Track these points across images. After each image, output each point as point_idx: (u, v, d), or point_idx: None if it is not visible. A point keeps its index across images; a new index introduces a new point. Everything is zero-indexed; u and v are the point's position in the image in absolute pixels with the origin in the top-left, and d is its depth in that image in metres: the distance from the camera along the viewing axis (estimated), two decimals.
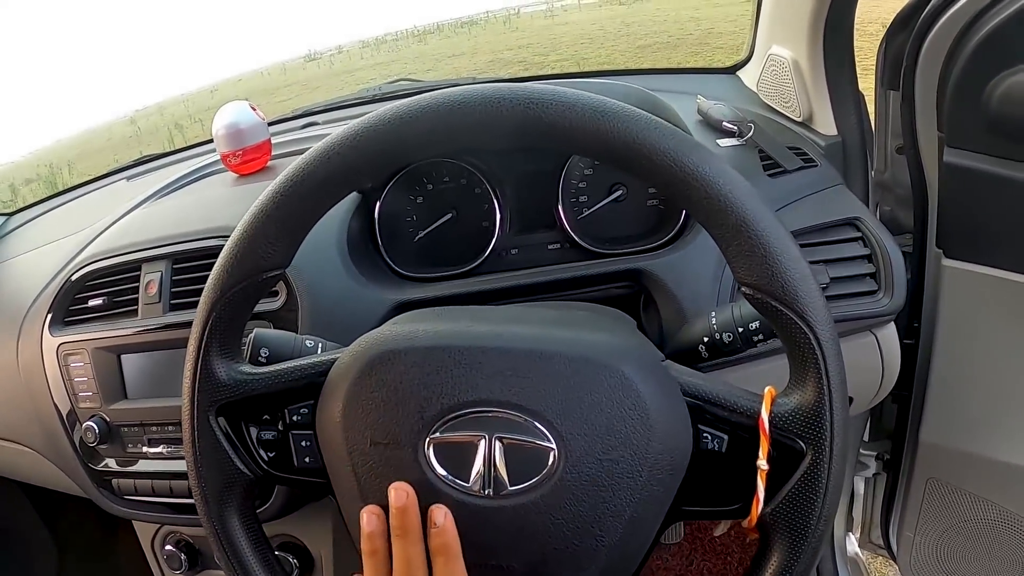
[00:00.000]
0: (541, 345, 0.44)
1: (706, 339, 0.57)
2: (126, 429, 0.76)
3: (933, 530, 0.96)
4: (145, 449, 0.76)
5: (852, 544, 1.13)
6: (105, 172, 1.13)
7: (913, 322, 0.87)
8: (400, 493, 0.43)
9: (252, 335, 0.55)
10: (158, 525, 0.88)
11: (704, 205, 0.41)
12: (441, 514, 0.42)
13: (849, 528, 1.11)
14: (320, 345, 0.57)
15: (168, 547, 0.86)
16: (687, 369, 0.46)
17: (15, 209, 1.11)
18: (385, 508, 0.44)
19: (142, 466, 0.77)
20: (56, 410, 0.79)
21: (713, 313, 0.57)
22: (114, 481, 0.78)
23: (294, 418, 0.48)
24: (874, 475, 1.03)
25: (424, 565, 0.43)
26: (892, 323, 0.75)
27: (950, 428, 0.88)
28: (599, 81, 0.78)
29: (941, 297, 0.84)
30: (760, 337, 0.54)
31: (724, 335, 0.56)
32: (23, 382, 0.83)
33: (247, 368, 0.49)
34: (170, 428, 0.74)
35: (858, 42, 0.84)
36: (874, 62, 0.85)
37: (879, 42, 0.83)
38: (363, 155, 0.44)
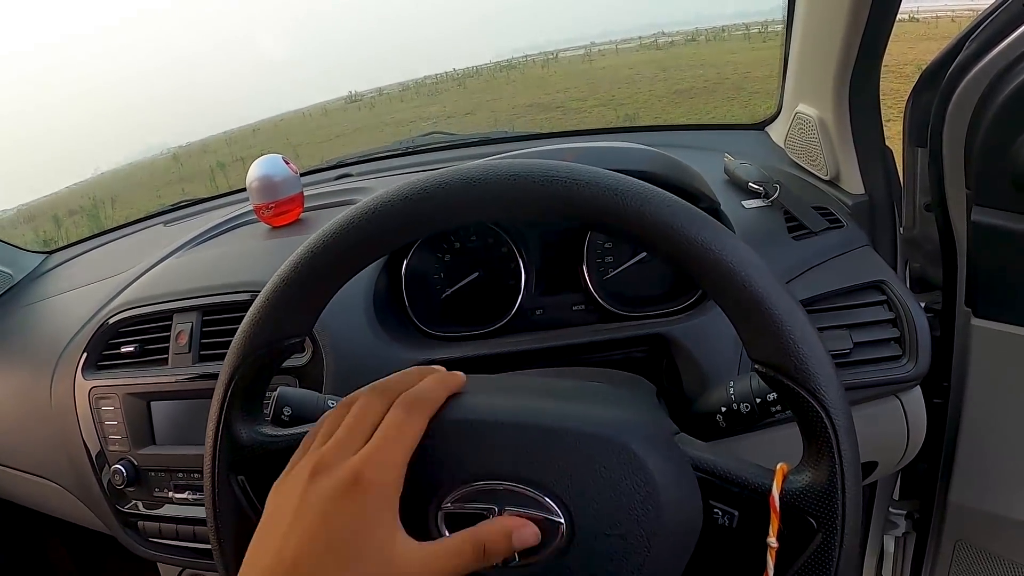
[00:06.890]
0: (554, 422, 0.44)
1: (724, 409, 0.56)
2: (153, 474, 0.78)
3: None
4: (171, 494, 0.77)
5: None
6: (145, 214, 1.17)
7: (942, 381, 0.85)
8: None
9: (276, 393, 0.56)
10: (181, 568, 0.89)
11: (716, 282, 0.41)
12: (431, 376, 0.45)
13: None
14: None
15: None
16: (699, 443, 0.46)
17: (56, 247, 1.15)
18: None
19: (167, 510, 0.78)
20: (86, 450, 0.81)
21: (732, 383, 0.57)
22: (140, 523, 0.80)
23: None
24: (904, 534, 1.01)
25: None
26: (918, 387, 0.74)
27: (979, 490, 0.86)
28: (627, 145, 0.78)
29: (970, 356, 0.82)
30: (778, 408, 0.54)
31: (742, 406, 0.55)
32: (56, 421, 0.85)
33: (268, 430, 0.50)
34: (195, 475, 0.76)
35: (893, 84, 0.82)
36: (905, 107, 0.84)
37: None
38: (384, 227, 0.44)
